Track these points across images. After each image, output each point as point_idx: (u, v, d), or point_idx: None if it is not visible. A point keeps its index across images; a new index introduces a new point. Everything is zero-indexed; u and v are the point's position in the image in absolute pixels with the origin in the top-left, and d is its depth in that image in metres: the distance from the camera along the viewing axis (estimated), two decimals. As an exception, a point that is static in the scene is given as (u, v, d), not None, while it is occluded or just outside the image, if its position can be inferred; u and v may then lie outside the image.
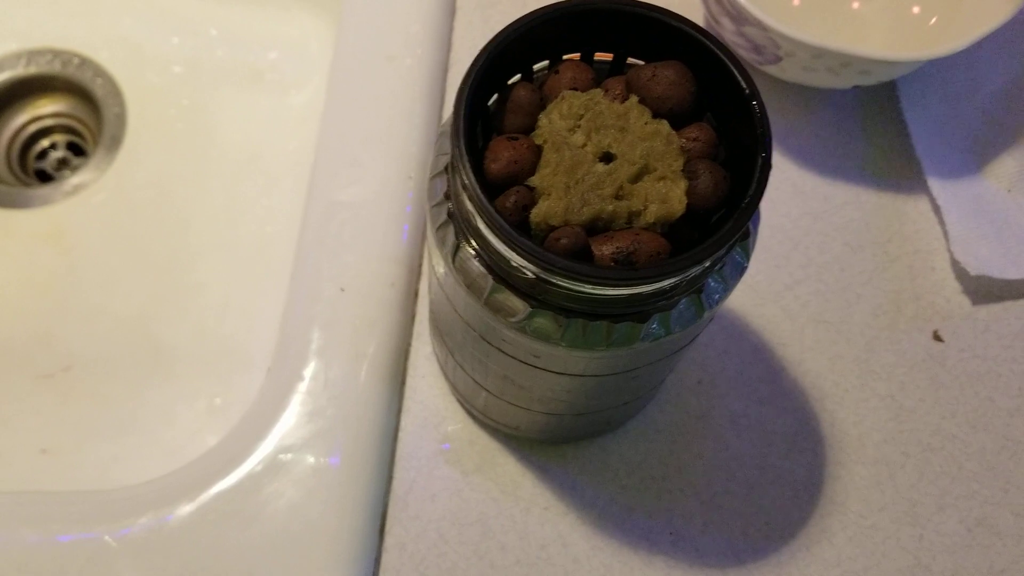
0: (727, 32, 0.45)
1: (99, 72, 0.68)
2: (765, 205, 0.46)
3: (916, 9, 0.49)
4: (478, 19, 0.50)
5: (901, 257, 0.46)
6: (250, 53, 0.68)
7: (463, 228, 0.29)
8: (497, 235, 0.26)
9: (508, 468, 0.41)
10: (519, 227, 0.28)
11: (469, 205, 0.27)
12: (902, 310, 0.45)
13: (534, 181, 0.28)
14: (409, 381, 0.42)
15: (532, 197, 0.28)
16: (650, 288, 0.27)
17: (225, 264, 0.61)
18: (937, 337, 0.45)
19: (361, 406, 0.40)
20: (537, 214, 0.28)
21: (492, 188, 0.29)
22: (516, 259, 0.27)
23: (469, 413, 0.42)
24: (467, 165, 0.26)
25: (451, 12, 0.50)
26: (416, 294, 0.44)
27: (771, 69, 0.46)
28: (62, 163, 0.67)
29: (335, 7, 0.54)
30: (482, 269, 0.29)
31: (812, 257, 0.46)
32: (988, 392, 0.44)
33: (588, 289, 0.27)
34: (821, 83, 0.45)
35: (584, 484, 0.41)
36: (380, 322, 0.41)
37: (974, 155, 0.48)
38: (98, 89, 0.67)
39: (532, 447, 0.41)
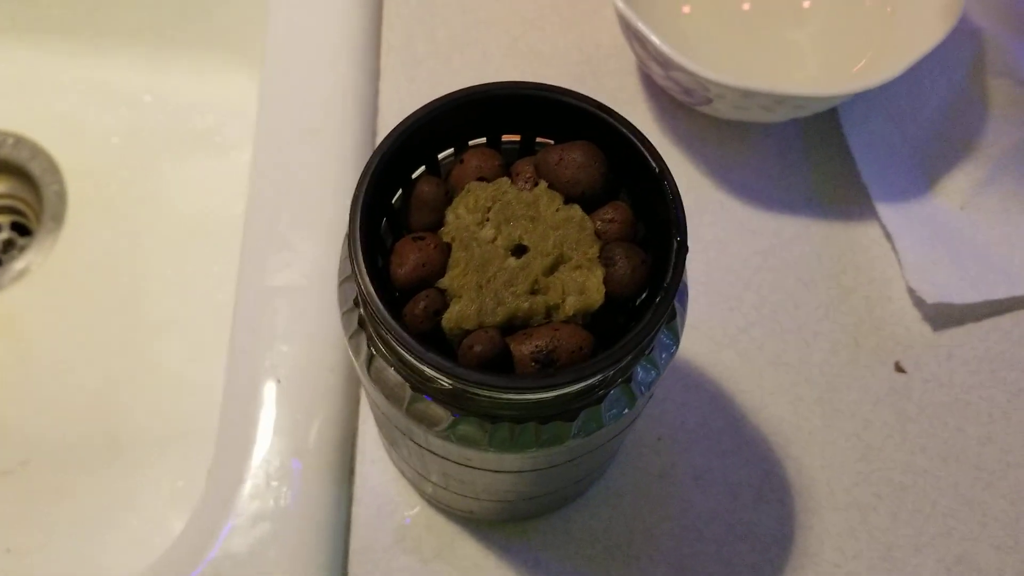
0: (657, 76, 0.44)
1: (35, 150, 0.66)
2: (715, 247, 0.45)
3: (850, 36, 0.48)
4: (404, 79, 0.49)
5: (856, 288, 0.45)
6: (188, 118, 0.67)
7: (374, 337, 0.27)
8: (405, 350, 0.25)
9: (468, 551, 0.39)
10: (431, 333, 0.27)
11: (374, 318, 0.26)
12: (861, 344, 0.44)
13: (444, 283, 0.27)
14: (359, 468, 0.41)
15: (443, 300, 0.27)
16: (574, 389, 0.26)
17: (179, 338, 0.60)
18: (899, 368, 0.43)
19: (307, 504, 0.38)
20: (449, 319, 0.26)
21: (402, 292, 0.27)
22: (429, 371, 0.25)
23: (422, 497, 0.40)
24: (366, 279, 0.25)
25: (375, 75, 0.48)
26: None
27: (705, 109, 0.44)
28: (8, 244, 0.65)
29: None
30: (399, 379, 0.27)
31: (765, 296, 0.44)
32: (956, 422, 0.42)
33: (509, 396, 0.26)
34: (757, 119, 0.44)
35: (548, 559, 0.39)
36: (321, 412, 0.40)
37: (923, 173, 0.47)
38: (35, 168, 0.66)
39: (492, 526, 0.40)
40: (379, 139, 0.47)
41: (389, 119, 0.47)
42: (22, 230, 0.66)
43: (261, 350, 0.41)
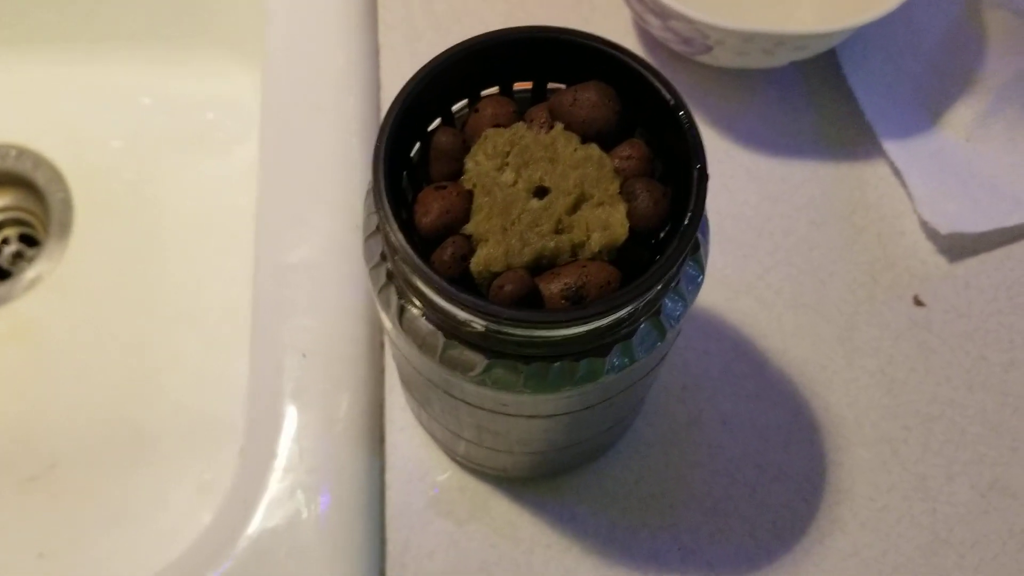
0: (654, 29, 0.44)
1: (38, 161, 0.67)
2: (723, 195, 0.45)
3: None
4: (405, 54, 0.49)
5: (868, 226, 0.45)
6: (187, 116, 0.68)
7: (404, 288, 0.28)
8: (437, 294, 0.25)
9: (503, 510, 0.40)
10: (460, 279, 0.27)
11: (404, 266, 0.26)
12: (878, 280, 0.44)
13: (469, 228, 0.27)
14: (388, 437, 0.41)
15: (470, 245, 0.27)
16: (605, 322, 0.26)
17: (194, 334, 0.60)
18: (918, 302, 0.43)
19: (341, 473, 0.38)
20: (477, 263, 0.27)
21: (427, 242, 0.27)
22: (462, 314, 0.26)
23: (454, 460, 0.40)
24: (394, 226, 0.25)
25: (375, 51, 0.49)
26: (382, 345, 0.42)
27: (704, 58, 0.44)
28: (17, 256, 0.65)
29: (261, 59, 0.52)
30: (431, 327, 0.28)
31: (778, 242, 0.45)
32: (979, 350, 0.43)
33: (542, 333, 0.26)
34: (757, 64, 0.44)
35: (583, 514, 0.40)
36: (348, 382, 0.40)
37: (927, 109, 0.47)
38: (40, 178, 0.66)
39: (524, 485, 0.40)
40: (383, 114, 0.47)
41: (392, 93, 0.47)
42: (31, 241, 0.66)
43: (284, 326, 0.41)
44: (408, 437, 0.41)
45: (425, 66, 0.28)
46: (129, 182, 0.66)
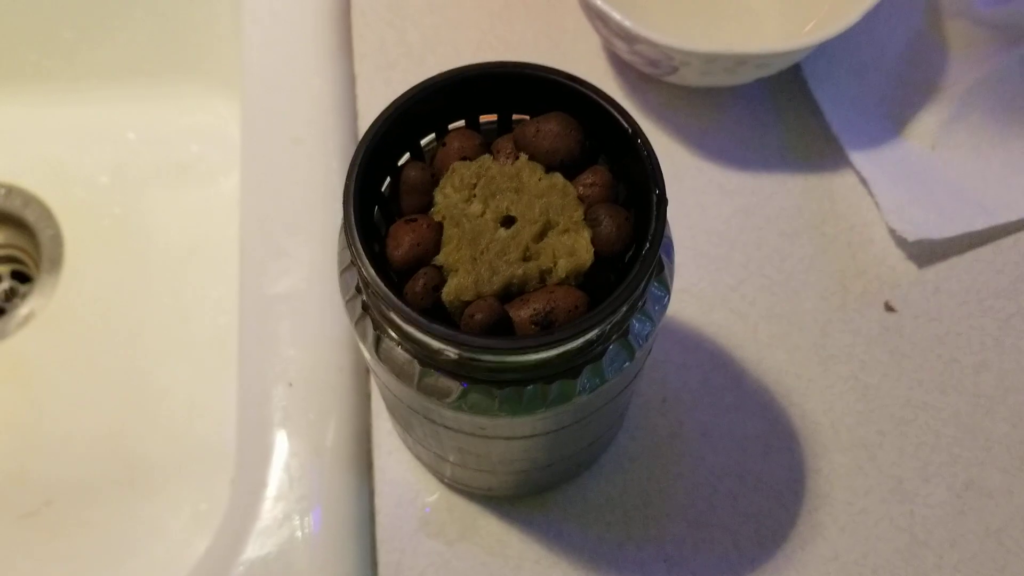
0: (622, 52, 0.45)
1: (27, 198, 0.67)
2: (696, 211, 0.46)
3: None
4: (380, 82, 0.50)
5: (838, 235, 0.46)
6: (172, 149, 0.68)
7: (379, 319, 0.28)
8: (410, 325, 0.26)
9: (491, 529, 0.41)
10: (433, 309, 0.28)
11: (377, 299, 0.27)
12: (849, 288, 0.45)
13: (440, 259, 0.28)
14: (376, 461, 0.42)
15: (441, 276, 0.28)
16: (574, 345, 0.27)
17: (185, 364, 0.61)
18: (889, 307, 0.44)
19: (331, 499, 0.39)
20: (448, 292, 0.28)
21: (400, 274, 0.28)
22: (435, 344, 0.27)
23: (442, 481, 0.41)
24: (366, 262, 0.26)
25: (350, 81, 0.50)
26: (367, 372, 0.43)
27: (672, 78, 0.46)
28: (10, 293, 0.66)
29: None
30: (407, 356, 0.28)
31: (751, 254, 0.46)
32: (951, 353, 0.44)
33: (513, 359, 0.27)
34: (723, 82, 0.45)
35: (570, 529, 0.41)
36: (335, 410, 0.41)
37: (891, 120, 0.48)
38: (29, 215, 0.67)
39: (511, 503, 0.41)
40: (362, 143, 0.48)
41: (368, 122, 0.48)
42: (22, 278, 0.67)
43: (270, 357, 0.42)
44: (396, 461, 0.42)
45: (392, 104, 0.29)
46: (117, 216, 0.67)
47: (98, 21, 0.67)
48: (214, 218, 0.65)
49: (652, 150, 0.27)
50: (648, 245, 0.26)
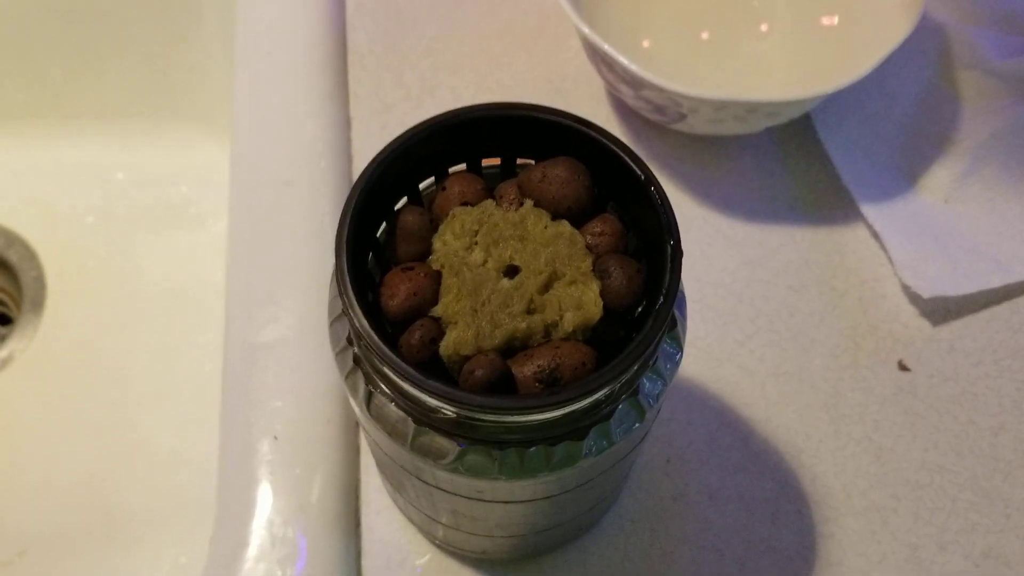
0: (627, 98, 0.44)
1: (11, 238, 0.66)
2: (702, 263, 0.45)
3: (813, 47, 0.48)
4: (375, 126, 0.48)
5: (849, 291, 0.44)
6: (161, 190, 0.67)
7: (372, 373, 0.27)
8: (405, 380, 0.24)
9: (485, 594, 0.38)
10: (429, 363, 0.26)
11: (370, 352, 0.25)
12: (861, 345, 0.43)
13: (438, 311, 0.26)
14: (364, 520, 0.39)
15: (439, 328, 0.26)
16: (581, 405, 0.25)
17: (168, 412, 0.59)
18: (903, 367, 0.43)
19: (315, 560, 0.37)
20: (446, 347, 0.26)
21: (395, 325, 0.26)
22: (431, 401, 0.25)
23: (432, 543, 0.39)
24: (358, 312, 0.24)
25: (346, 124, 0.48)
26: (357, 425, 0.41)
27: (679, 126, 0.44)
28: (-9, 336, 0.64)
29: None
30: (401, 413, 0.27)
31: (759, 308, 0.44)
32: (967, 415, 0.42)
33: (515, 419, 0.25)
34: (732, 131, 0.44)
35: (568, 595, 0.38)
36: (321, 465, 0.39)
37: (903, 172, 0.47)
38: (12, 255, 0.66)
39: (506, 566, 0.39)
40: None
41: (364, 165, 0.47)
42: (3, 319, 0.65)
43: (254, 408, 0.40)
44: (385, 520, 0.40)
45: (389, 144, 0.27)
46: (102, 258, 0.65)
47: (88, 60, 0.66)
48: (202, 262, 0.64)
49: (666, 198, 0.26)
50: (663, 299, 0.25)
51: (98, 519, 0.56)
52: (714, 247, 0.45)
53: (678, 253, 0.25)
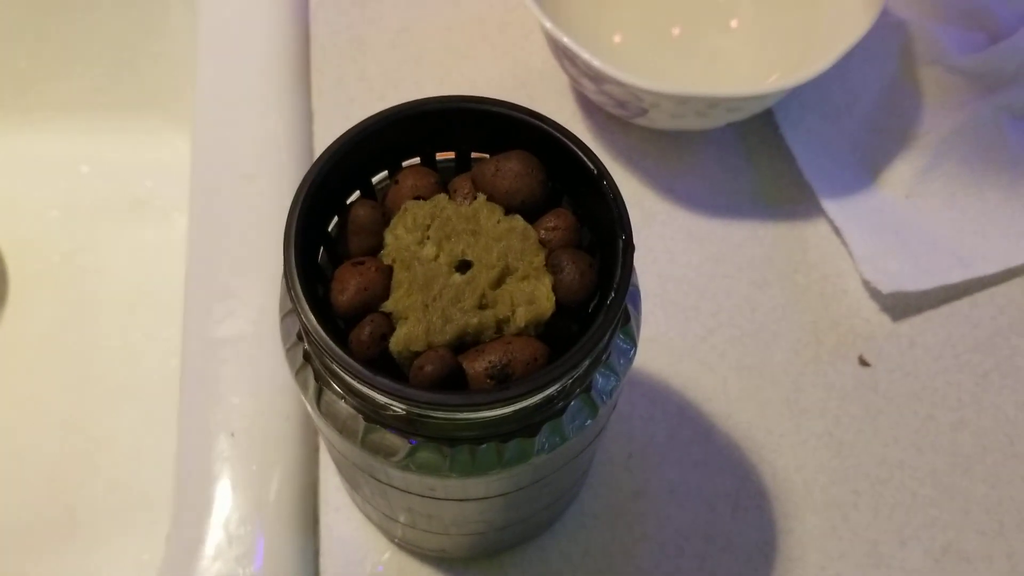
0: (590, 92, 0.44)
1: (-28, 232, 0.65)
2: (664, 257, 0.45)
3: (777, 43, 0.48)
4: (338, 119, 0.48)
5: (811, 285, 0.44)
6: (125, 184, 0.66)
7: (322, 370, 0.26)
8: (353, 377, 0.24)
9: (444, 592, 0.38)
10: (380, 359, 0.26)
11: (319, 349, 0.25)
12: (822, 340, 0.43)
13: (388, 306, 0.26)
14: (323, 518, 0.39)
15: (389, 324, 0.26)
16: (532, 401, 0.25)
17: (131, 408, 0.59)
18: (863, 362, 0.43)
19: (272, 559, 0.37)
20: (397, 342, 0.25)
21: (345, 320, 0.26)
22: (381, 398, 0.24)
23: (392, 541, 0.39)
24: (306, 307, 0.24)
25: (307, 116, 0.48)
26: (317, 421, 0.41)
27: (641, 121, 0.44)
28: (-48, 331, 0.63)
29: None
30: (351, 410, 0.26)
31: (721, 303, 0.44)
32: (927, 410, 0.42)
33: (466, 415, 0.25)
34: (694, 126, 0.44)
35: (527, 592, 0.38)
36: (279, 462, 0.38)
37: (865, 166, 0.47)
38: (-27, 249, 0.65)
39: (466, 565, 0.38)
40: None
41: (326, 160, 0.47)
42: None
43: (212, 404, 0.39)
44: (344, 518, 0.39)
45: (341, 137, 0.27)
46: (66, 252, 0.65)
47: (54, 52, 0.65)
48: (167, 256, 0.63)
49: (619, 192, 0.26)
50: (613, 294, 0.24)
51: (59, 515, 0.55)
52: (676, 242, 0.45)
53: (630, 247, 0.25)
